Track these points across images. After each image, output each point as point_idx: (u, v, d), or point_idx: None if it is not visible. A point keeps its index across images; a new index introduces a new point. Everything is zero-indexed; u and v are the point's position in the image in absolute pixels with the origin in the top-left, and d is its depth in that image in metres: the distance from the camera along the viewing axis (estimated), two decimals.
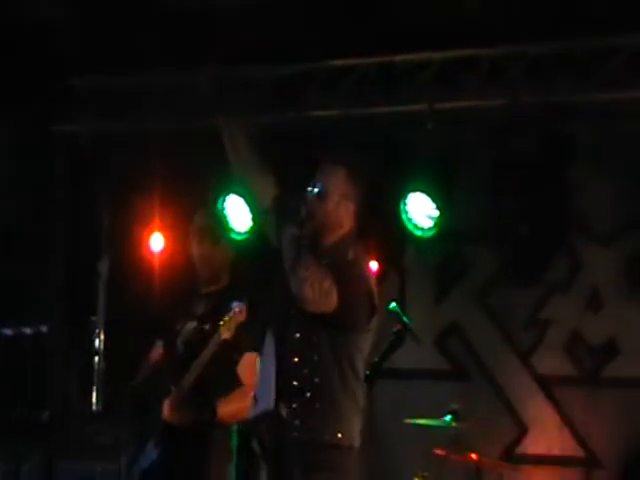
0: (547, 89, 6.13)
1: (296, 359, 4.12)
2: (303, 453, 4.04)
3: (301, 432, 4.07)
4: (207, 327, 4.74)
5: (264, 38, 6.33)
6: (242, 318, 4.62)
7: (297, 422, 4.06)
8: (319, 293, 3.89)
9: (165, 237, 6.78)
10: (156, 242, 6.66)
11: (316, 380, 4.09)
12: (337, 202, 4.15)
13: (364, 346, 4.16)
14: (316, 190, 4.13)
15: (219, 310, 4.71)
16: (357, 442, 4.11)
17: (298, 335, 4.13)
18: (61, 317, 6.66)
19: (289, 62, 6.54)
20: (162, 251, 6.77)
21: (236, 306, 4.63)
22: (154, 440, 4.76)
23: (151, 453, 4.77)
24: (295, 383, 4.10)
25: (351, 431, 4.08)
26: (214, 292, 4.93)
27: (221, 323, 4.61)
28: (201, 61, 6.53)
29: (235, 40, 6.35)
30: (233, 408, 4.72)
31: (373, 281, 4.16)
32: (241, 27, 6.29)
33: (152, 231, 6.60)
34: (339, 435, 4.02)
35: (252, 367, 4.78)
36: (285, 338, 4.15)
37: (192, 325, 4.86)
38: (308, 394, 4.07)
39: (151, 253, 6.68)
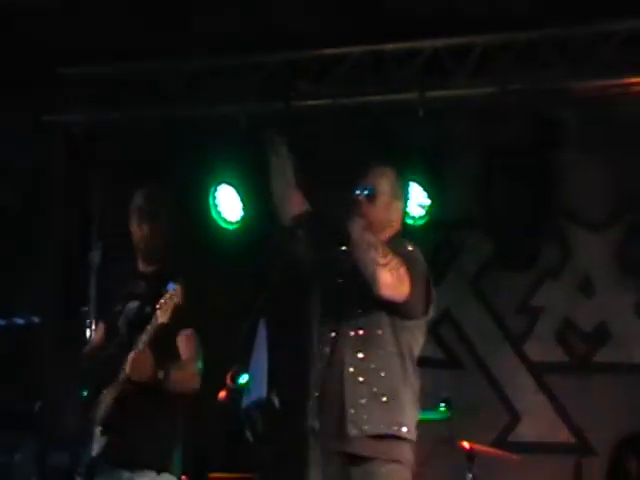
0: (537, 76, 6.18)
1: (361, 355, 4.21)
2: (366, 446, 4.14)
3: (370, 426, 4.15)
4: (148, 308, 4.71)
5: (254, 26, 6.36)
6: (178, 300, 4.59)
7: (365, 416, 4.15)
8: (397, 279, 4.03)
9: None
10: None
11: (382, 374, 4.20)
12: (388, 203, 4.36)
13: (421, 336, 4.31)
14: (366, 192, 4.32)
15: (159, 291, 4.70)
16: (415, 437, 4.22)
17: (361, 332, 4.23)
18: (53, 308, 6.66)
19: (279, 50, 6.57)
20: None
21: (171, 288, 4.61)
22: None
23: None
24: (361, 379, 4.19)
25: (413, 425, 4.20)
26: (152, 272, 4.92)
27: (157, 307, 4.59)
28: (191, 49, 6.56)
29: (225, 28, 6.38)
30: (179, 375, 4.72)
31: (428, 272, 4.31)
32: (232, 14, 6.32)
33: None
34: (404, 429, 4.14)
35: (188, 342, 4.79)
36: (339, 335, 4.24)
37: (134, 305, 4.85)
38: (375, 389, 4.18)
39: None
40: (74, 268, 6.41)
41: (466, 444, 5.97)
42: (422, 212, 6.49)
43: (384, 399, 4.19)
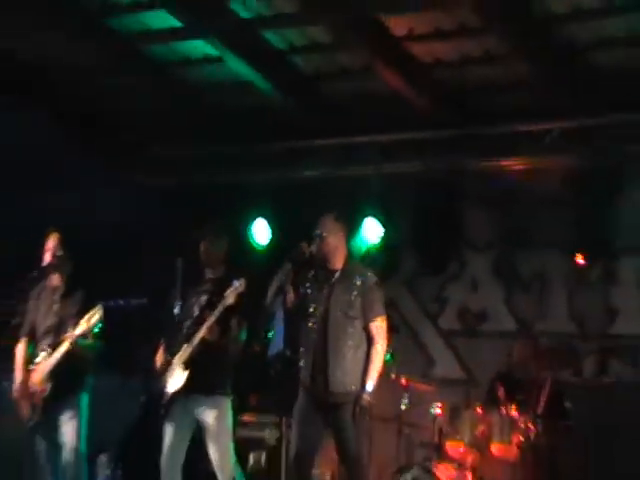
0: (448, 160, 8.07)
1: (339, 340, 5.64)
2: (340, 404, 5.64)
3: (341, 390, 5.56)
4: (214, 299, 5.94)
5: (276, 124, 8.29)
6: (242, 289, 5.82)
7: (339, 383, 5.60)
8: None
9: None
10: None
11: (348, 355, 5.65)
12: (331, 238, 5.77)
13: None
14: (316, 236, 5.80)
15: (220, 289, 5.87)
16: None
17: (336, 325, 5.64)
18: (155, 293, 7.54)
19: (286, 140, 8.54)
20: None
21: (238, 282, 5.84)
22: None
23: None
24: (338, 355, 5.58)
25: None
26: (214, 278, 6.13)
27: (227, 293, 5.75)
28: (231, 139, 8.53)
29: (247, 127, 8.30)
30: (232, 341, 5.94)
31: None
32: (255, 119, 8.15)
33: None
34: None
35: (238, 321, 5.92)
36: (324, 324, 5.66)
37: (204, 297, 6.09)
38: (344, 363, 5.58)
39: None
40: (167, 270, 7.50)
41: (403, 380, 7.53)
42: (379, 239, 8.22)
43: (347, 378, 5.54)
